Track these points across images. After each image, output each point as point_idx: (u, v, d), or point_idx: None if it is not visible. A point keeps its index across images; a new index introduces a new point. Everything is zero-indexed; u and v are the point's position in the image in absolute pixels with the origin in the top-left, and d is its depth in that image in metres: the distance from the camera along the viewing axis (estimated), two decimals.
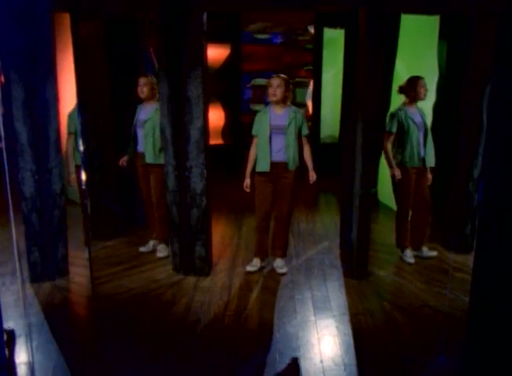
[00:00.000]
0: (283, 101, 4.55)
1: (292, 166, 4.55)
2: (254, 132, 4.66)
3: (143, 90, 4.99)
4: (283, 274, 4.70)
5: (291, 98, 4.63)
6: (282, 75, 4.59)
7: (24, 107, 4.17)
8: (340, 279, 4.62)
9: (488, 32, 4.51)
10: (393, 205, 6.51)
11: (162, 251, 5.16)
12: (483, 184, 2.55)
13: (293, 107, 4.62)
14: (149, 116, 4.99)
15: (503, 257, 2.37)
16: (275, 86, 4.49)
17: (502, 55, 2.28)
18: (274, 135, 4.52)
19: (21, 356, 3.32)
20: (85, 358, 3.43)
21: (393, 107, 6.39)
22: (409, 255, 4.99)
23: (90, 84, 5.15)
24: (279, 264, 4.81)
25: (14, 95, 4.13)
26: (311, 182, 4.62)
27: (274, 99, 4.51)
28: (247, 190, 4.65)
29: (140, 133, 5.06)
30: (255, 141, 4.63)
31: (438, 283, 4.51)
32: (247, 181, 4.66)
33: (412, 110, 4.88)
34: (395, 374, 3.27)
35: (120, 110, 5.52)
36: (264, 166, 4.56)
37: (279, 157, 4.54)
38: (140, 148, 5.08)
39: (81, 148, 4.94)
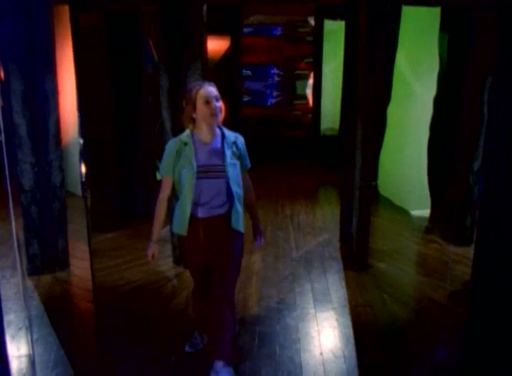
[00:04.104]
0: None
1: (237, 224, 2.95)
2: (163, 172, 2.94)
3: None
4: None
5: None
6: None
7: (23, 100, 4.16)
8: (340, 271, 4.62)
9: (489, 25, 4.49)
10: (393, 198, 6.53)
11: None
12: (483, 176, 2.55)
13: (225, 129, 3.12)
14: None
15: (503, 249, 2.37)
16: (214, 98, 2.91)
17: (503, 52, 2.27)
18: (203, 181, 2.84)
19: (21, 349, 3.34)
20: (85, 351, 3.45)
21: (393, 101, 6.43)
22: None
23: (89, 76, 5.13)
24: (219, 369, 2.78)
25: (13, 88, 4.12)
26: (257, 246, 3.21)
27: (215, 120, 2.97)
28: (151, 260, 2.99)
29: None
30: (166, 184, 2.94)
31: (437, 275, 4.52)
32: (153, 247, 2.96)
33: None
34: (395, 367, 3.27)
35: (120, 103, 5.50)
36: (181, 227, 2.91)
37: (214, 210, 2.90)
38: None
39: (80, 140, 4.92)
